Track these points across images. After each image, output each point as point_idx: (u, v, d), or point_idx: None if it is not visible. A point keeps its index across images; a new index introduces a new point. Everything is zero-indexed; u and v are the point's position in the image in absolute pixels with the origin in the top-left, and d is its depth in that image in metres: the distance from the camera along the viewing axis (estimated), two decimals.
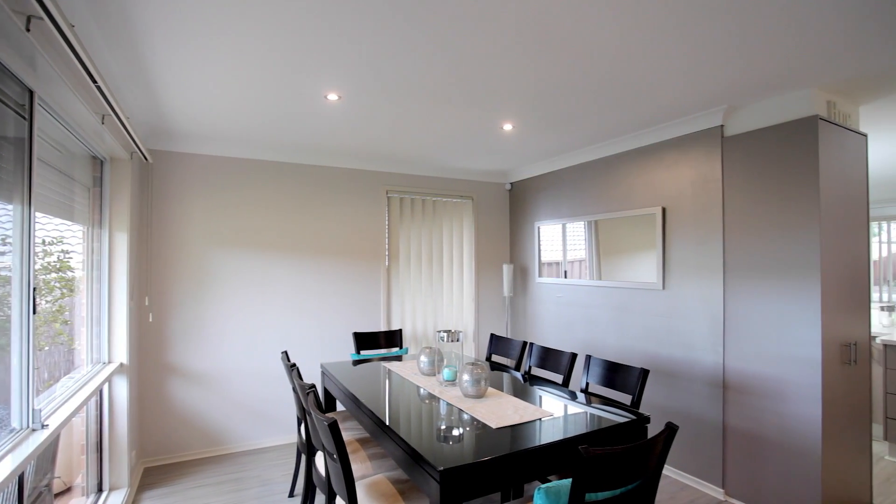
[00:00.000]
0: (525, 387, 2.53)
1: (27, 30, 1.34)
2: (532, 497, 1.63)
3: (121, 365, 2.89)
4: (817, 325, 2.45)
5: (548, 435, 1.80)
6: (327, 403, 3.12)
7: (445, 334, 2.65)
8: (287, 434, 3.85)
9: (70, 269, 2.58)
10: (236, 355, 3.68)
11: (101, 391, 2.80)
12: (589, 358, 2.64)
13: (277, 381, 3.81)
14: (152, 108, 2.79)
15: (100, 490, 2.83)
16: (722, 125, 2.90)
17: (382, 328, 4.27)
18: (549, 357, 2.92)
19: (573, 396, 2.35)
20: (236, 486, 3.08)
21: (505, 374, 2.81)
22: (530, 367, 3.02)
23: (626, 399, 3.17)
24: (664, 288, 3.25)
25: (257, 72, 2.27)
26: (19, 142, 1.68)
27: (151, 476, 3.24)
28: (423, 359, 2.76)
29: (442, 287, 4.63)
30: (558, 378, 4.19)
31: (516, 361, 3.11)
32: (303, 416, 2.60)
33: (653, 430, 3.21)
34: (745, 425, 2.78)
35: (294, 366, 2.51)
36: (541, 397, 2.32)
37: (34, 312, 1.71)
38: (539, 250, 4.55)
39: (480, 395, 2.27)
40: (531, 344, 3.06)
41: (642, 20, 1.80)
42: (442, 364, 2.70)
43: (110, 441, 2.85)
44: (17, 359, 1.68)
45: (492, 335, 3.44)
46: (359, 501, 1.87)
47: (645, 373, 2.32)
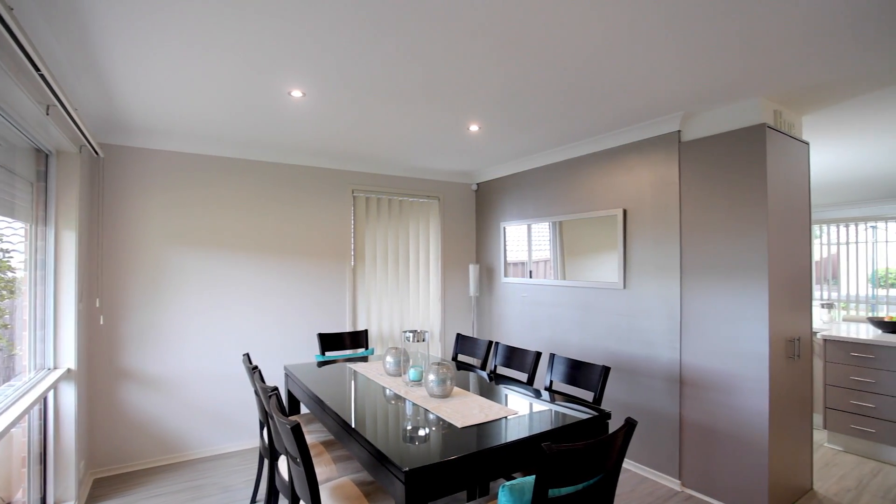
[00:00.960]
0: (491, 386, 2.55)
1: None
2: (497, 495, 1.65)
3: (68, 371, 2.73)
4: (765, 322, 2.59)
5: (512, 433, 1.82)
6: (291, 406, 3.06)
7: (411, 334, 2.64)
8: (249, 439, 3.75)
9: (10, 269, 2.42)
10: (196, 358, 3.55)
11: (45, 399, 2.64)
12: (553, 357, 2.69)
13: (239, 384, 3.70)
14: (104, 99, 2.65)
15: None
16: (679, 130, 3.02)
17: (348, 329, 4.21)
18: (514, 356, 2.95)
19: (537, 394, 2.39)
20: (195, 494, 2.97)
21: (471, 374, 2.82)
22: (496, 367, 3.05)
23: (589, 396, 3.25)
24: (625, 287, 3.35)
25: (218, 65, 2.20)
26: None
27: (102, 487, 3.08)
28: (389, 359, 2.74)
29: (408, 287, 4.61)
30: (523, 377, 4.26)
31: (482, 361, 3.14)
32: (265, 420, 2.53)
33: (614, 425, 3.31)
34: (699, 418, 2.90)
35: (256, 368, 2.44)
36: (506, 396, 2.35)
37: None
38: (505, 250, 4.60)
39: (446, 395, 2.28)
40: (497, 343, 3.09)
41: (607, 28, 1.85)
42: (408, 364, 2.69)
43: (56, 452, 2.68)
44: None
45: (458, 335, 3.46)
46: None
47: (606, 370, 2.39)
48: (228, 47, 2.01)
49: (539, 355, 2.78)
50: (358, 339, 3.70)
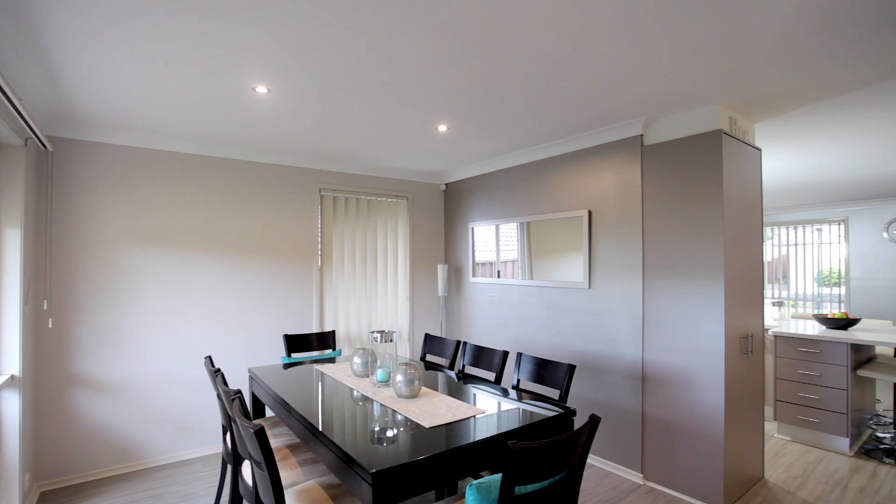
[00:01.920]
0: (459, 385, 2.56)
1: None
2: (465, 493, 1.66)
3: (11, 377, 2.57)
4: (721, 320, 2.70)
5: (479, 432, 1.84)
6: (255, 410, 2.98)
7: (379, 335, 2.62)
8: (211, 444, 3.63)
9: None
10: (155, 362, 3.41)
11: None
12: (520, 356, 2.73)
13: (201, 388, 3.58)
14: (52, 89, 2.51)
15: None
16: (641, 135, 3.11)
17: (315, 330, 4.14)
18: (482, 355, 2.98)
19: (505, 393, 2.42)
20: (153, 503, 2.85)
21: (439, 374, 2.83)
22: (464, 366, 3.07)
23: (555, 394, 3.31)
24: (590, 287, 3.43)
25: (177, 57, 2.12)
26: None
27: (50, 501, 2.91)
28: (357, 360, 2.71)
29: (376, 287, 4.57)
30: (491, 376, 4.29)
31: (450, 360, 3.15)
32: (228, 424, 2.46)
33: (579, 422, 3.38)
34: (660, 413, 3.00)
35: (219, 371, 2.37)
36: (475, 395, 2.36)
37: None
38: (473, 250, 4.63)
39: (414, 395, 2.27)
40: (465, 343, 3.11)
41: (573, 33, 1.89)
42: (376, 365, 2.67)
43: None
44: None
45: (426, 335, 3.46)
46: None
47: (572, 368, 2.44)
48: (188, 39, 1.94)
49: (506, 354, 2.81)
50: (325, 341, 3.64)
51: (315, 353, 3.65)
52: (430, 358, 4.73)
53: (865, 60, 2.14)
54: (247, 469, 2.24)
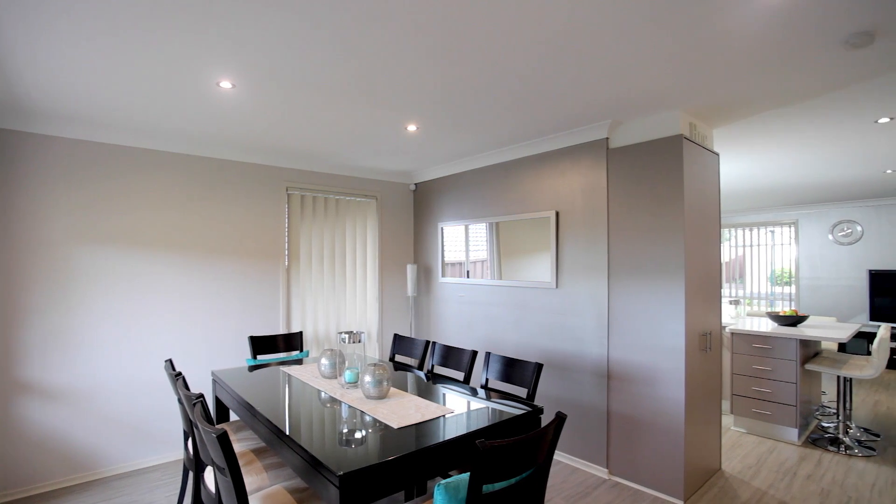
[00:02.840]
0: (428, 385, 2.56)
1: None
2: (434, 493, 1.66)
3: None
4: (682, 319, 2.80)
5: (448, 432, 1.85)
6: (219, 414, 2.90)
7: (347, 335, 2.60)
8: (172, 451, 3.50)
9: None
10: (111, 366, 3.26)
11: None
12: (489, 355, 2.75)
13: (161, 392, 3.45)
14: None
15: None
16: (607, 138, 3.19)
17: (282, 331, 4.06)
18: (450, 355, 2.99)
19: (474, 392, 2.44)
20: None
21: (409, 374, 2.82)
22: (433, 366, 3.07)
23: (523, 392, 3.36)
24: (558, 287, 3.50)
25: (134, 47, 2.04)
26: None
27: None
28: (324, 361, 2.68)
29: (345, 287, 4.52)
30: (460, 375, 4.31)
31: (419, 361, 3.15)
32: (190, 430, 2.38)
33: (546, 419, 3.44)
34: (624, 410, 3.09)
35: (179, 374, 2.29)
36: (444, 395, 2.37)
37: None
38: (442, 250, 4.64)
39: (383, 396, 2.26)
40: (434, 343, 3.11)
41: (541, 37, 1.92)
42: (344, 366, 2.64)
43: None
44: None
45: (395, 335, 3.44)
46: None
47: (539, 367, 2.48)
48: (146, 28, 1.87)
49: (475, 354, 2.83)
50: (292, 342, 3.58)
51: (282, 355, 3.58)
52: (399, 358, 4.71)
53: (815, 73, 2.27)
54: (209, 475, 2.17)
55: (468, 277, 4.33)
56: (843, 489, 2.98)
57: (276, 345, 3.50)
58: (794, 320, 4.10)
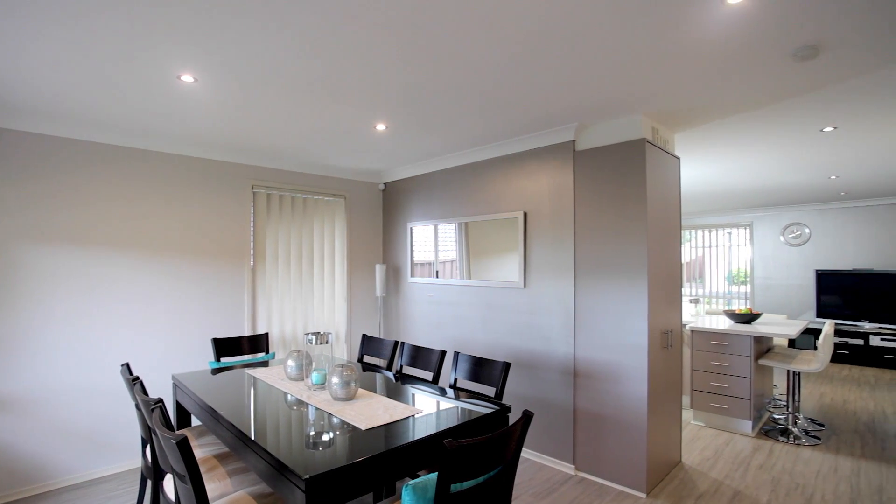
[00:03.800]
0: (397, 386, 2.55)
1: None
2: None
3: None
4: (645, 317, 2.89)
5: (417, 432, 1.84)
6: (180, 419, 2.80)
7: (314, 337, 2.56)
8: (128, 459, 3.36)
9: None
10: (63, 372, 3.10)
11: None
12: (457, 355, 2.77)
13: (117, 398, 3.30)
14: None
15: None
16: (574, 140, 3.26)
17: (247, 333, 3.96)
18: (419, 355, 2.98)
19: (442, 392, 2.44)
20: None
21: (377, 375, 2.80)
22: (402, 367, 3.06)
23: (491, 391, 3.39)
24: (525, 286, 3.55)
25: (89, 36, 1.94)
26: None
27: None
28: (291, 363, 2.63)
29: (312, 288, 4.45)
30: (429, 375, 4.31)
31: (388, 361, 3.13)
32: (148, 437, 2.29)
33: (514, 418, 3.48)
34: (590, 406, 3.16)
35: (137, 379, 2.20)
36: (413, 395, 2.37)
37: None
38: (412, 251, 4.63)
39: (350, 398, 2.24)
40: (402, 343, 3.10)
41: (508, 39, 1.94)
42: (310, 368, 2.60)
43: None
44: None
45: (364, 336, 3.41)
46: None
47: (507, 366, 2.51)
48: (102, 17, 1.79)
49: (444, 354, 2.84)
50: (257, 344, 3.49)
51: (247, 357, 3.49)
52: (367, 359, 4.67)
53: (767, 82, 2.38)
54: (169, 484, 2.10)
55: (437, 277, 4.34)
56: (792, 477, 3.15)
57: (241, 347, 3.41)
58: (749, 318, 4.29)
